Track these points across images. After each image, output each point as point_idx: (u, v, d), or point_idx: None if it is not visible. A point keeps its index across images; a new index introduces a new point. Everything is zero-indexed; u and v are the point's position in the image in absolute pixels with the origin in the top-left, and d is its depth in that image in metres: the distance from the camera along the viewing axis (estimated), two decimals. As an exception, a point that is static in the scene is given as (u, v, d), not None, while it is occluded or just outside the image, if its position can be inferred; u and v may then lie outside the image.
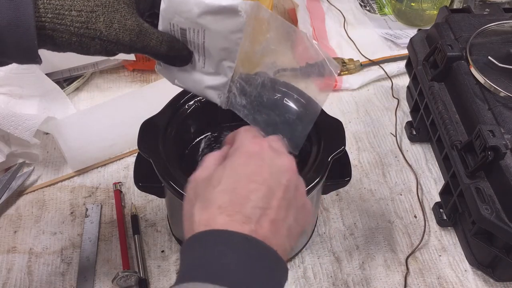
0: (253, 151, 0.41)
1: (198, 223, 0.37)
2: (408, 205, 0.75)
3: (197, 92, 0.53)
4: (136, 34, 0.45)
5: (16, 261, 0.67)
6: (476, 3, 0.98)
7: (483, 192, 0.60)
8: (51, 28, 0.42)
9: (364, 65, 0.94)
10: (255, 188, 0.38)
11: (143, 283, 0.64)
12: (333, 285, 0.66)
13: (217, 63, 0.49)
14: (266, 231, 0.37)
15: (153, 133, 0.59)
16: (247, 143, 0.42)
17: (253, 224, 0.37)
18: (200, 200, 0.39)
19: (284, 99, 0.58)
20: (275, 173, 0.40)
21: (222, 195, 0.38)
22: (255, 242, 0.36)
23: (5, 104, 0.80)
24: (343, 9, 1.07)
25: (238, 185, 0.38)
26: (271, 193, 0.38)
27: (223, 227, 0.36)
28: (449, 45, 0.71)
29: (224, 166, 0.40)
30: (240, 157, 0.41)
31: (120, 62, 0.91)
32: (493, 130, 0.61)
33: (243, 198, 0.38)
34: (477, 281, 0.67)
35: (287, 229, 0.39)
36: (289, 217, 0.39)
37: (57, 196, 0.74)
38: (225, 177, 0.39)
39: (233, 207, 0.37)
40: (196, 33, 0.47)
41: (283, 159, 0.41)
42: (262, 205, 0.38)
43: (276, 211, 0.38)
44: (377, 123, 0.86)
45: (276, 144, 0.44)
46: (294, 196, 0.40)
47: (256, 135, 0.44)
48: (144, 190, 0.62)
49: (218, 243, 0.35)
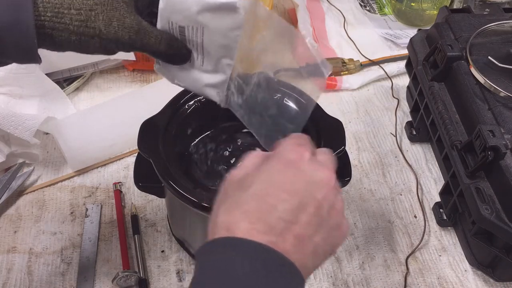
0: (292, 160, 0.39)
1: (220, 225, 0.36)
2: (408, 205, 0.75)
3: (196, 91, 0.53)
4: (135, 32, 0.45)
5: (16, 261, 0.67)
6: (476, 3, 0.98)
7: (483, 192, 0.60)
8: (51, 27, 0.41)
9: (364, 65, 0.94)
10: (285, 198, 0.37)
11: (143, 283, 0.64)
12: (333, 285, 0.66)
13: (216, 61, 0.49)
14: (288, 245, 0.35)
15: (153, 133, 0.59)
16: (288, 150, 0.40)
17: (274, 235, 0.35)
18: (228, 201, 0.38)
19: (278, 97, 0.58)
20: (310, 186, 0.38)
21: (250, 200, 0.37)
22: (272, 253, 0.35)
23: (5, 104, 0.80)
24: (343, 9, 1.07)
25: (268, 193, 0.37)
26: (302, 207, 0.37)
27: (243, 233, 0.35)
28: (449, 45, 0.71)
29: (259, 170, 0.39)
30: (277, 163, 0.39)
31: (120, 62, 0.91)
32: (493, 130, 0.61)
33: (270, 207, 0.36)
34: (477, 281, 0.67)
35: (313, 247, 0.37)
36: (318, 235, 0.37)
37: (57, 196, 0.74)
38: (257, 182, 0.38)
39: (257, 214, 0.36)
40: (195, 31, 0.47)
41: (323, 172, 0.39)
42: (288, 218, 0.36)
43: (304, 227, 0.36)
44: (377, 123, 0.86)
45: (323, 156, 0.41)
46: (328, 214, 0.38)
47: (302, 143, 0.41)
48: (144, 190, 0.62)
49: (234, 251, 0.35)
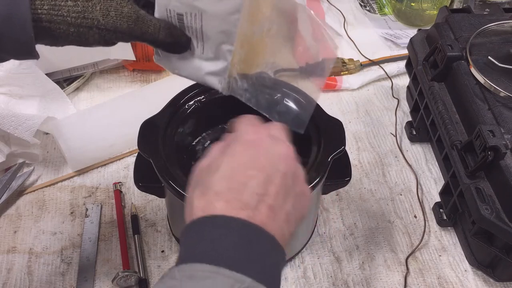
0: (251, 139, 0.42)
1: (196, 209, 0.38)
2: (408, 205, 0.75)
3: (197, 80, 0.52)
4: (133, 21, 0.44)
5: (16, 261, 0.67)
6: (476, 3, 0.98)
7: (483, 192, 0.60)
8: (48, 20, 0.41)
9: (364, 65, 0.94)
10: (253, 175, 0.39)
11: (143, 283, 0.64)
12: (333, 285, 0.66)
13: (216, 47, 0.49)
14: (264, 217, 0.37)
15: (153, 133, 0.59)
16: (245, 131, 0.43)
17: (251, 210, 0.37)
18: (200, 187, 0.39)
19: (281, 91, 0.58)
20: (273, 160, 0.40)
21: (220, 181, 0.38)
22: (252, 226, 0.37)
23: (5, 104, 0.80)
24: (343, 9, 1.07)
25: (236, 172, 0.39)
26: (269, 180, 0.39)
27: (220, 212, 0.37)
28: (449, 45, 0.71)
29: (223, 154, 0.41)
30: (238, 145, 0.41)
31: (120, 62, 0.91)
32: (493, 130, 0.61)
33: (240, 184, 0.38)
34: (477, 281, 0.67)
35: (285, 215, 0.39)
36: (287, 203, 0.40)
37: (57, 196, 0.74)
38: (223, 164, 0.39)
39: (230, 193, 0.38)
40: (193, 17, 0.46)
41: (281, 146, 0.42)
42: (259, 192, 0.38)
43: (274, 197, 0.39)
44: (377, 123, 0.86)
45: (277, 131, 0.44)
46: (292, 183, 0.41)
47: (255, 123, 0.44)
48: (144, 190, 0.62)
49: (216, 227, 0.36)
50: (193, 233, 0.37)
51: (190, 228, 0.37)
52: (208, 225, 0.37)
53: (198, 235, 0.36)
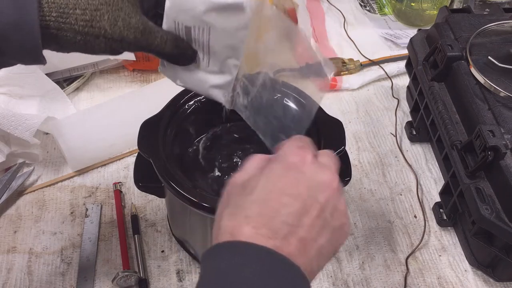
0: (294, 163, 0.39)
1: (224, 229, 0.37)
2: (408, 205, 0.75)
3: (201, 92, 0.52)
4: (140, 32, 0.44)
5: (16, 261, 0.67)
6: (476, 3, 0.98)
7: (483, 192, 0.60)
8: (56, 27, 0.41)
9: (364, 65, 0.94)
10: (288, 203, 0.37)
11: (143, 283, 0.64)
12: (333, 285, 0.66)
13: (221, 62, 0.49)
14: (293, 249, 0.36)
15: (153, 133, 0.59)
16: (289, 153, 0.40)
17: (279, 240, 0.35)
18: (231, 205, 0.38)
19: (282, 99, 0.58)
20: (313, 189, 0.38)
21: (253, 205, 0.37)
22: (277, 256, 0.35)
23: (5, 104, 0.80)
24: (343, 9, 1.07)
25: (270, 197, 0.37)
26: (305, 210, 0.37)
27: (247, 238, 0.35)
28: (449, 45, 0.71)
29: (261, 174, 0.39)
30: (278, 167, 0.39)
31: (120, 62, 0.91)
32: (493, 130, 0.61)
33: (273, 211, 0.36)
34: (477, 281, 0.67)
35: (317, 250, 0.37)
36: (322, 237, 0.38)
37: (57, 196, 0.74)
38: (260, 186, 0.38)
39: (261, 219, 0.36)
40: (201, 31, 0.47)
41: (325, 174, 0.39)
42: (292, 222, 0.36)
43: (307, 229, 0.37)
44: (377, 123, 0.86)
45: (325, 158, 0.41)
46: (331, 216, 0.38)
47: (303, 146, 0.41)
48: (144, 190, 0.62)
49: (239, 255, 0.35)
50: (215, 258, 0.35)
51: (214, 252, 0.36)
52: (231, 252, 0.35)
53: (220, 260, 0.35)
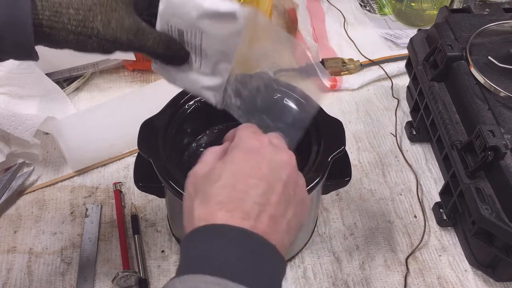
0: (253, 147, 0.41)
1: (198, 218, 0.38)
2: (408, 205, 0.75)
3: (193, 92, 0.53)
4: (133, 33, 0.44)
5: (16, 261, 0.67)
6: (476, 3, 0.98)
7: (483, 192, 0.60)
8: (48, 26, 0.41)
9: (364, 65, 0.94)
10: (255, 184, 0.39)
11: (143, 283, 0.64)
12: (333, 285, 0.66)
13: (213, 65, 0.49)
14: (265, 227, 0.37)
15: (153, 133, 0.59)
16: (246, 139, 0.42)
17: (252, 220, 0.37)
18: (200, 195, 0.39)
19: (278, 100, 0.58)
20: (275, 168, 0.40)
21: (222, 190, 0.38)
22: (254, 236, 0.36)
23: (5, 104, 0.80)
24: (343, 9, 1.07)
25: (237, 181, 0.39)
26: (271, 189, 0.39)
27: (222, 222, 0.37)
28: (449, 45, 0.71)
29: (224, 162, 0.40)
30: (239, 153, 0.41)
31: (120, 62, 0.91)
32: (493, 130, 0.61)
33: (242, 194, 0.38)
34: (477, 281, 0.67)
35: (286, 225, 0.39)
36: (289, 212, 0.40)
37: (57, 196, 0.74)
38: (225, 173, 0.39)
39: (232, 203, 0.38)
40: (194, 35, 0.47)
41: (283, 154, 0.42)
42: (261, 201, 0.38)
43: (276, 207, 0.39)
44: (377, 123, 0.86)
45: (276, 140, 0.44)
46: (293, 192, 0.41)
47: (256, 131, 0.44)
48: (144, 190, 0.62)
49: (218, 237, 0.36)
50: (194, 243, 0.37)
51: (192, 237, 0.37)
52: (210, 235, 0.36)
53: (200, 244, 0.36)
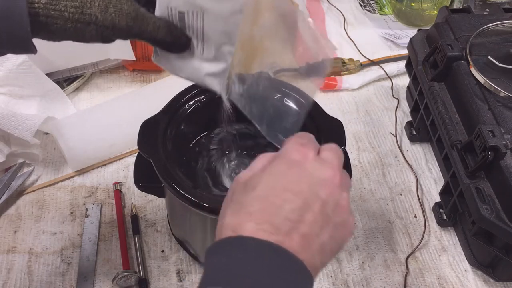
0: (296, 160, 0.39)
1: (226, 226, 0.37)
2: (408, 205, 0.75)
3: (196, 80, 0.52)
4: (132, 18, 0.43)
5: (16, 261, 0.67)
6: (476, 3, 0.98)
7: (483, 192, 0.60)
8: (45, 15, 0.41)
9: (364, 65, 0.94)
10: (289, 198, 0.37)
11: (143, 283, 0.64)
12: (333, 285, 0.66)
13: (216, 48, 0.48)
14: (295, 245, 0.36)
15: (153, 133, 0.59)
16: (291, 150, 0.40)
17: (281, 235, 0.35)
18: (234, 203, 0.38)
19: (279, 91, 0.58)
20: (314, 185, 0.38)
21: (255, 201, 0.37)
22: (281, 251, 0.35)
23: (5, 104, 0.80)
24: (343, 9, 1.07)
25: (272, 193, 0.37)
26: (307, 206, 0.37)
27: (250, 234, 0.35)
28: (449, 45, 0.71)
29: (263, 171, 0.39)
30: (280, 164, 0.39)
31: (120, 62, 0.91)
32: (493, 130, 0.61)
33: (275, 207, 0.37)
34: (477, 281, 0.67)
35: (319, 246, 0.37)
36: (324, 234, 0.38)
37: (57, 196, 0.74)
38: (262, 183, 0.38)
39: (263, 215, 0.36)
40: (195, 16, 0.46)
41: (327, 171, 0.39)
42: (293, 218, 0.36)
43: (309, 225, 0.37)
44: (377, 123, 0.86)
45: (328, 154, 0.41)
46: (333, 212, 0.38)
47: (305, 143, 0.41)
48: (144, 190, 0.62)
49: (243, 250, 0.35)
50: (219, 254, 0.36)
51: (217, 247, 0.36)
52: (235, 247, 0.35)
53: (224, 256, 0.35)
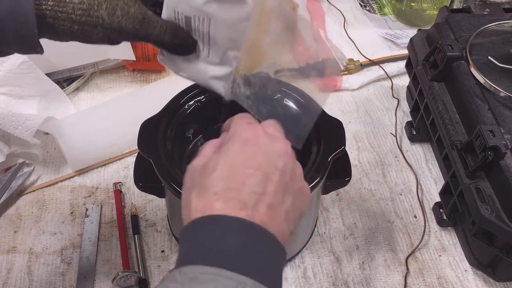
0: (248, 137, 0.41)
1: (194, 210, 0.37)
2: (408, 205, 0.75)
3: (201, 82, 0.52)
4: (139, 22, 0.44)
5: (16, 261, 0.67)
6: (476, 3, 0.98)
7: (483, 192, 0.60)
8: (52, 16, 0.41)
9: (364, 65, 0.94)
10: (250, 173, 0.38)
11: (143, 283, 0.64)
12: (333, 285, 0.66)
13: (222, 53, 0.48)
14: (263, 216, 0.37)
15: (153, 133, 0.59)
16: (241, 129, 0.42)
17: (250, 209, 0.37)
18: (197, 187, 0.39)
19: (288, 92, 0.58)
20: (270, 158, 0.40)
21: (218, 181, 0.38)
22: (252, 225, 0.36)
23: (5, 104, 0.80)
24: (343, 9, 1.07)
25: (233, 171, 0.38)
26: (267, 178, 0.39)
27: (219, 212, 0.36)
28: (449, 45, 0.71)
29: (219, 153, 0.40)
30: (234, 143, 0.41)
31: (120, 62, 0.91)
32: (493, 130, 0.61)
33: (238, 184, 0.38)
34: (477, 281, 0.67)
35: (284, 213, 0.39)
36: (286, 201, 0.39)
37: (57, 196, 0.74)
38: (220, 164, 0.39)
39: (228, 193, 0.37)
40: (201, 22, 0.46)
41: (278, 143, 0.41)
42: (258, 191, 0.38)
43: (273, 195, 0.38)
44: (377, 123, 0.86)
45: (272, 129, 0.43)
46: (290, 180, 0.40)
47: (251, 121, 0.44)
48: (144, 190, 0.62)
49: (215, 227, 0.36)
50: (192, 234, 0.37)
51: (190, 229, 0.37)
52: (207, 226, 0.36)
53: (198, 236, 0.36)
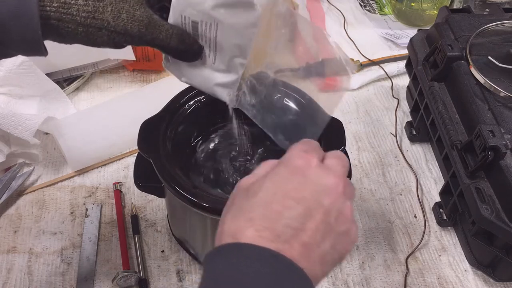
0: (298, 166, 0.38)
1: (226, 232, 0.36)
2: (408, 205, 0.75)
3: (205, 89, 0.51)
4: (145, 25, 0.43)
5: (16, 261, 0.67)
6: (476, 3, 0.98)
7: (483, 192, 0.60)
8: (57, 18, 0.40)
9: (364, 65, 0.94)
10: (291, 205, 0.36)
11: (143, 283, 0.64)
12: (333, 285, 0.66)
13: (228, 59, 0.48)
14: (295, 253, 0.35)
15: (153, 133, 0.59)
16: (295, 156, 0.39)
17: (281, 243, 0.35)
18: (234, 209, 0.37)
19: (295, 100, 0.58)
20: (317, 192, 0.37)
21: (256, 207, 0.36)
22: (280, 258, 0.34)
23: (5, 104, 0.80)
24: (343, 9, 1.07)
25: (273, 200, 0.36)
26: (308, 214, 0.36)
27: (249, 241, 0.34)
28: (449, 45, 0.71)
29: (265, 177, 0.38)
30: (283, 170, 0.38)
31: (120, 62, 0.91)
32: (493, 130, 0.61)
33: (276, 214, 0.36)
34: (477, 281, 0.67)
35: (320, 255, 0.36)
36: (326, 242, 0.36)
37: (57, 196, 0.74)
38: (264, 189, 0.37)
39: (263, 222, 0.35)
40: (209, 27, 0.45)
41: (329, 178, 0.38)
42: (295, 225, 0.35)
43: (311, 234, 0.36)
44: (377, 123, 0.86)
45: (334, 161, 0.40)
46: (335, 221, 0.37)
47: (309, 149, 0.40)
48: (144, 190, 0.62)
49: (241, 257, 0.34)
50: (218, 260, 0.35)
51: (216, 254, 0.35)
52: (234, 253, 0.34)
53: (223, 262, 0.34)
